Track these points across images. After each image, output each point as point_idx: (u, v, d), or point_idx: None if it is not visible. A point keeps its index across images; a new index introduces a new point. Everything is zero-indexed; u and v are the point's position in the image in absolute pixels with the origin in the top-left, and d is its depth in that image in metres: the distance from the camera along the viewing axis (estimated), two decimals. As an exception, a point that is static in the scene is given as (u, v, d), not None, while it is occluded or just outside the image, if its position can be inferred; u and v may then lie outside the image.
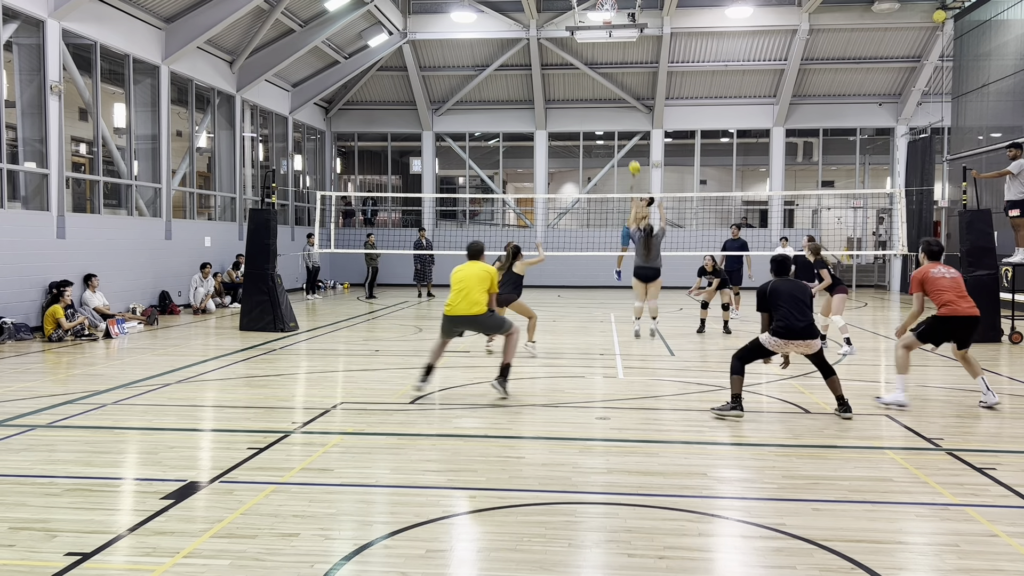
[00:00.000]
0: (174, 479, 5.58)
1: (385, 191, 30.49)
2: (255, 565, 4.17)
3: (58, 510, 4.98)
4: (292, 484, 5.50)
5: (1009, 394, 8.92)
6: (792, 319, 7.62)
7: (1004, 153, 14.16)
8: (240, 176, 21.85)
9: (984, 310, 13.08)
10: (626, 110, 27.51)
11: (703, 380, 9.66)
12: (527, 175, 30.30)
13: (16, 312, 13.34)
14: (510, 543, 4.47)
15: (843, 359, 11.29)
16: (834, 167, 30.40)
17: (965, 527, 4.76)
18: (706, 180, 29.67)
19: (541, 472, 5.85)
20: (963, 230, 13.71)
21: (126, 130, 17.31)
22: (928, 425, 7.30)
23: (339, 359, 11.42)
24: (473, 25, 25.11)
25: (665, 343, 12.97)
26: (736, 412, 7.55)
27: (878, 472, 5.88)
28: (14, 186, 14.08)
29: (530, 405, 8.20)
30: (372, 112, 28.72)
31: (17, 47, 14.21)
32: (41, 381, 9.56)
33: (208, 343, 13.33)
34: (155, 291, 17.59)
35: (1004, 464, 6.05)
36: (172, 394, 8.68)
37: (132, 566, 4.18)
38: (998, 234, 14.78)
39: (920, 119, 25.80)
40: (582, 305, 20.52)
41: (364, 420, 7.46)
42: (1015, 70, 18.41)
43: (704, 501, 5.20)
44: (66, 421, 7.38)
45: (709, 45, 25.52)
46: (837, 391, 7.70)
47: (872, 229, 29.49)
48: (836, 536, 4.57)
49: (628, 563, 4.23)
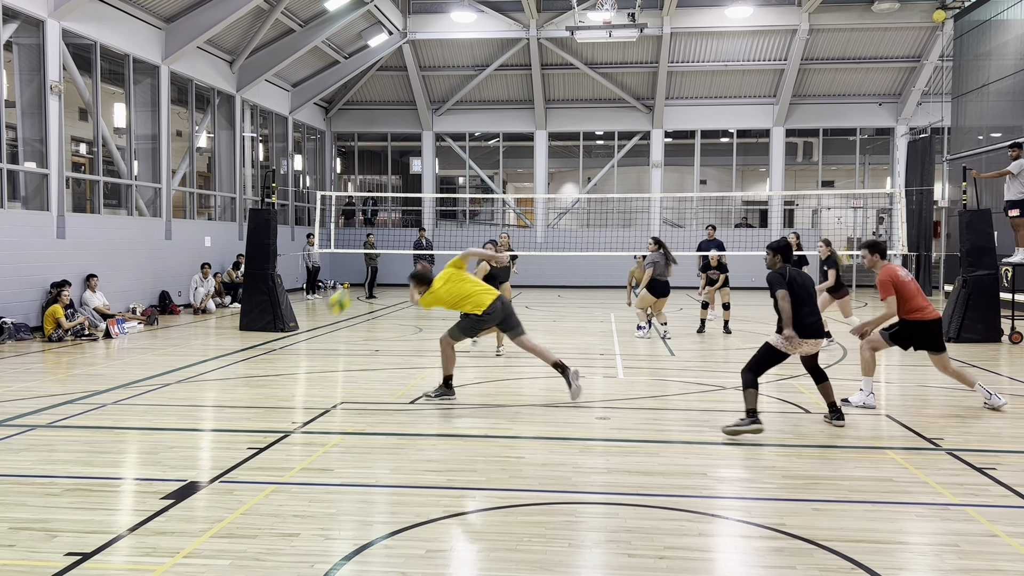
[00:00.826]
0: (174, 479, 5.58)
1: (385, 191, 30.50)
2: (255, 565, 4.17)
3: (58, 510, 4.98)
4: (292, 484, 5.50)
5: (1009, 394, 8.91)
6: (811, 315, 7.05)
7: (1004, 153, 14.18)
8: (240, 176, 21.85)
9: (984, 310, 13.22)
10: (626, 110, 27.51)
11: (703, 380, 9.66)
12: (527, 175, 30.30)
13: (16, 312, 13.34)
14: (510, 543, 4.47)
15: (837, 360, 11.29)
16: (834, 167, 30.40)
17: (965, 527, 4.76)
18: (706, 180, 29.67)
19: (541, 472, 5.85)
20: (963, 230, 13.71)
21: (126, 130, 17.31)
22: (928, 425, 7.30)
23: (339, 359, 11.42)
24: (473, 25, 25.11)
25: (665, 343, 12.97)
26: (755, 427, 6.85)
27: (878, 472, 5.88)
28: (14, 186, 14.08)
29: (530, 405, 8.19)
30: (372, 112, 28.73)
31: (17, 47, 14.22)
32: (41, 381, 9.56)
33: (208, 343, 13.33)
34: (155, 291, 17.59)
35: (1004, 464, 6.05)
36: (172, 394, 8.68)
37: (132, 566, 4.18)
38: (998, 234, 14.78)
39: (920, 119, 25.81)
40: (582, 305, 20.51)
41: (364, 420, 7.46)
42: (1015, 70, 18.41)
43: (704, 501, 5.19)
44: (66, 421, 7.38)
45: (709, 45, 25.52)
46: (830, 398, 7.29)
47: (872, 229, 29.49)
48: (836, 536, 4.57)
49: (628, 563, 4.23)
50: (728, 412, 7.90)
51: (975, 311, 13.14)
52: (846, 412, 7.81)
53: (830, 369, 10.40)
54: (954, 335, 13.07)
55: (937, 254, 24.08)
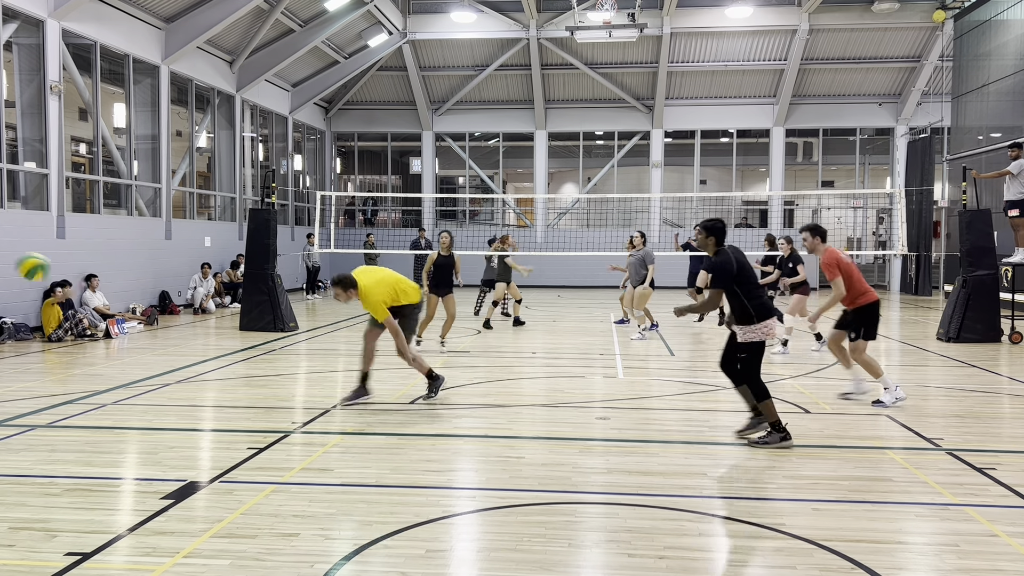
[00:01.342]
0: (174, 479, 5.57)
1: (385, 191, 30.50)
2: (255, 565, 4.17)
3: (58, 510, 4.98)
4: (292, 484, 5.50)
5: (1009, 394, 8.92)
6: (763, 295, 6.64)
7: (1004, 153, 14.17)
8: (240, 176, 21.85)
9: (984, 310, 13.22)
10: (626, 110, 27.51)
11: (703, 380, 9.66)
12: (527, 175, 30.30)
13: (16, 312, 13.34)
14: (510, 543, 4.47)
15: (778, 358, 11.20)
16: (834, 167, 30.40)
17: (965, 527, 4.76)
18: (706, 180, 29.67)
19: (541, 472, 5.85)
20: (963, 230, 13.71)
21: (126, 130, 17.30)
22: (928, 425, 7.30)
23: (339, 359, 11.41)
24: (473, 25, 25.11)
25: (665, 343, 12.97)
26: (786, 443, 6.44)
27: (878, 472, 5.88)
28: (14, 186, 14.08)
29: (530, 405, 8.20)
30: (372, 112, 28.73)
31: (17, 47, 14.21)
32: (41, 381, 9.56)
33: (208, 343, 13.33)
34: (155, 291, 17.59)
35: (1004, 464, 6.05)
36: (172, 394, 8.68)
37: (132, 566, 4.18)
38: (998, 234, 14.78)
39: (920, 119, 25.81)
40: (582, 305, 20.51)
41: (364, 420, 7.46)
42: (1015, 70, 18.41)
43: (704, 501, 5.19)
44: (66, 421, 7.38)
45: (709, 45, 25.52)
46: (752, 402, 6.71)
47: (872, 229, 29.50)
48: (836, 536, 4.57)
49: (628, 563, 4.23)
50: (728, 412, 7.91)
51: (975, 311, 13.14)
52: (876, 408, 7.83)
53: (830, 369, 10.42)
54: (954, 335, 13.07)
55: (937, 254, 24.09)
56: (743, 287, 6.51)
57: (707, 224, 6.71)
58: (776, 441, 6.47)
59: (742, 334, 6.57)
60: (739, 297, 6.53)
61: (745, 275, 6.55)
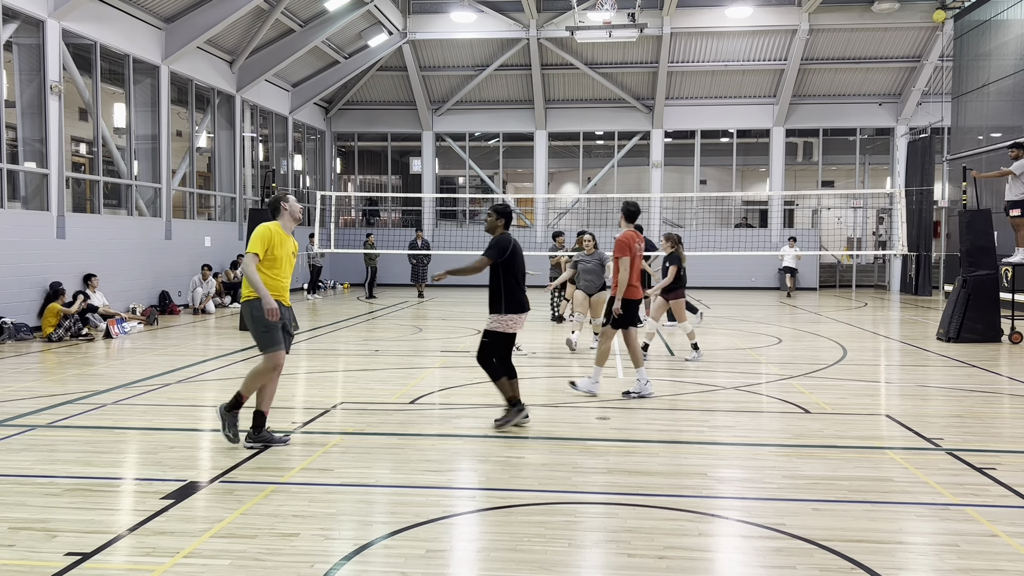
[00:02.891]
0: (174, 479, 5.57)
1: (385, 191, 30.49)
2: (255, 565, 4.17)
3: (58, 510, 4.98)
4: (292, 484, 5.50)
5: (1009, 394, 8.92)
6: (521, 291, 6.90)
7: (1004, 153, 14.17)
8: (240, 176, 21.85)
9: (984, 310, 13.22)
10: (626, 110, 27.51)
11: (702, 380, 9.66)
12: (527, 175, 30.30)
13: (16, 312, 13.34)
14: (510, 543, 4.47)
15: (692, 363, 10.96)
16: (834, 167, 30.41)
17: (965, 527, 4.75)
18: (706, 180, 29.68)
19: (541, 472, 5.85)
20: (963, 230, 13.71)
21: (126, 130, 17.31)
22: (928, 425, 7.30)
23: (339, 359, 11.42)
24: (473, 25, 25.11)
25: (665, 343, 12.97)
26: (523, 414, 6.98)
27: (878, 472, 5.88)
28: (14, 186, 14.08)
29: (530, 405, 8.18)
30: (372, 112, 28.73)
31: (17, 47, 14.21)
32: (41, 381, 9.56)
33: (208, 343, 13.33)
34: (155, 291, 17.59)
35: (1004, 464, 6.04)
36: (172, 394, 8.68)
37: (132, 566, 4.18)
38: (998, 234, 14.78)
39: (920, 119, 25.81)
40: (582, 305, 20.46)
41: (364, 420, 7.46)
42: (1015, 70, 18.41)
43: (704, 501, 5.19)
44: (66, 421, 7.38)
45: (709, 45, 25.52)
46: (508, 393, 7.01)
47: (872, 229, 29.51)
48: (836, 536, 4.57)
49: (628, 563, 4.23)
50: (727, 412, 7.92)
51: (975, 311, 13.13)
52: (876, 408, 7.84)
53: (830, 369, 10.42)
54: (954, 335, 13.06)
55: (937, 254, 24.09)
56: (507, 275, 6.89)
57: (498, 208, 7.17)
58: (514, 416, 6.94)
59: (489, 322, 6.98)
60: (499, 281, 6.91)
61: (514, 264, 6.90)
